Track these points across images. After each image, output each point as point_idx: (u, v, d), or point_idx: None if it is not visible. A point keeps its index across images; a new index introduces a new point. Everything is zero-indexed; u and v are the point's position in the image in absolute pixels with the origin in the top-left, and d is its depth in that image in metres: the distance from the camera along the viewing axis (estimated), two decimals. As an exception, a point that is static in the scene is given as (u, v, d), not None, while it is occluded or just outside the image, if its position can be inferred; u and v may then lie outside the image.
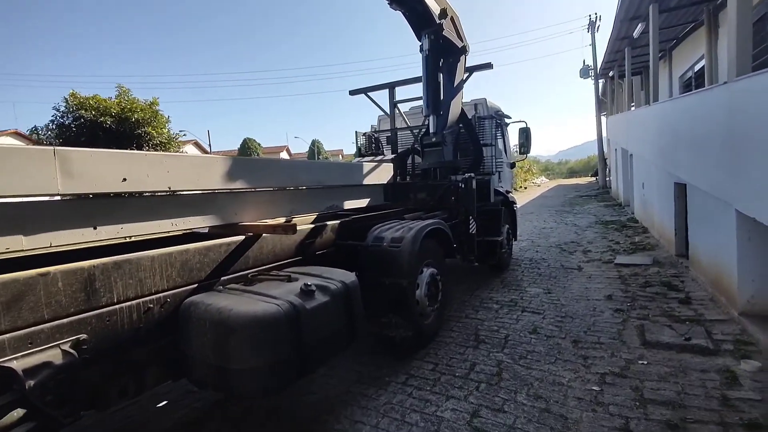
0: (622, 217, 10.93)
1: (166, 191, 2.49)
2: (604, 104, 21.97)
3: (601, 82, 21.36)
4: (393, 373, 3.14)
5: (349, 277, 2.69)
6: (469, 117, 5.42)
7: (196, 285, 2.40)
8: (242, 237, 2.72)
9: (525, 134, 6.78)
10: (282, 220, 3.99)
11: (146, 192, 2.40)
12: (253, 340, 1.97)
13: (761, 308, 3.50)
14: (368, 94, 6.54)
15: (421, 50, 4.77)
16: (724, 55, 7.47)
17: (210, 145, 39.69)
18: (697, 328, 3.51)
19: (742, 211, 3.43)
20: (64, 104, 12.84)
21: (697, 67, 9.78)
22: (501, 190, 6.12)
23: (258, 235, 2.83)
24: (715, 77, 7.97)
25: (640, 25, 8.60)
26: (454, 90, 4.98)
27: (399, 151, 5.90)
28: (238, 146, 46.90)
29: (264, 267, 2.85)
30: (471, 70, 5.59)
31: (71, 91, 13.21)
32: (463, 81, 5.25)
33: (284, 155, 45.22)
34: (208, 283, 2.47)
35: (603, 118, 22.25)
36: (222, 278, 2.56)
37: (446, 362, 3.27)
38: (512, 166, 7.34)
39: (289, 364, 2.10)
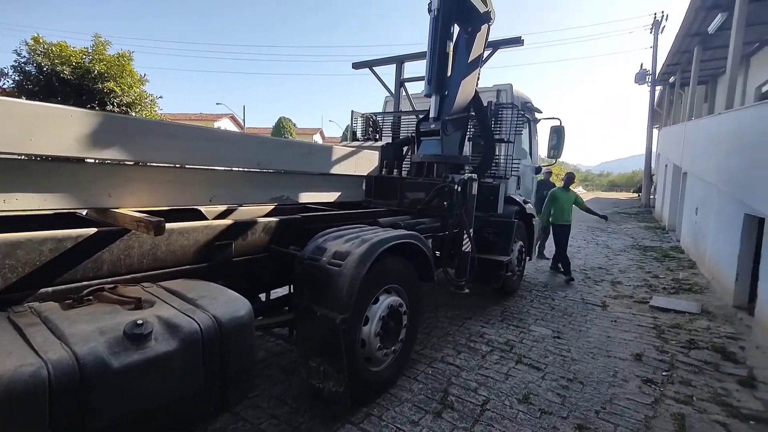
0: (664, 243, 9.47)
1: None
2: (658, 116, 19.89)
3: (657, 90, 19.27)
4: (308, 443, 2.22)
5: (235, 308, 1.77)
6: (486, 104, 4.34)
7: (-18, 299, 1.56)
8: (92, 230, 1.85)
9: (557, 134, 5.61)
10: (225, 209, 3.18)
11: None
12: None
13: None
14: (374, 69, 5.55)
15: (430, 9, 3.73)
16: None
17: (244, 120, 39.85)
18: (769, 437, 2.38)
19: None
20: (26, 49, 11.86)
21: (783, 77, 8.15)
22: (517, 198, 5.02)
23: (124, 230, 1.97)
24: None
25: (720, 15, 7.11)
26: (467, 66, 3.92)
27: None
28: (273, 125, 46.96)
29: (130, 276, 1.98)
30: (495, 45, 4.49)
31: (35, 35, 11.48)
32: (482, 58, 4.17)
33: (317, 138, 44.94)
34: (9, 297, 1.62)
35: (655, 131, 20.17)
36: (42, 291, 1.72)
37: (388, 435, 2.32)
38: (537, 171, 6.18)
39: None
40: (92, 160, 2.03)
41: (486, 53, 4.30)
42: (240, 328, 1.74)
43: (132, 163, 2.19)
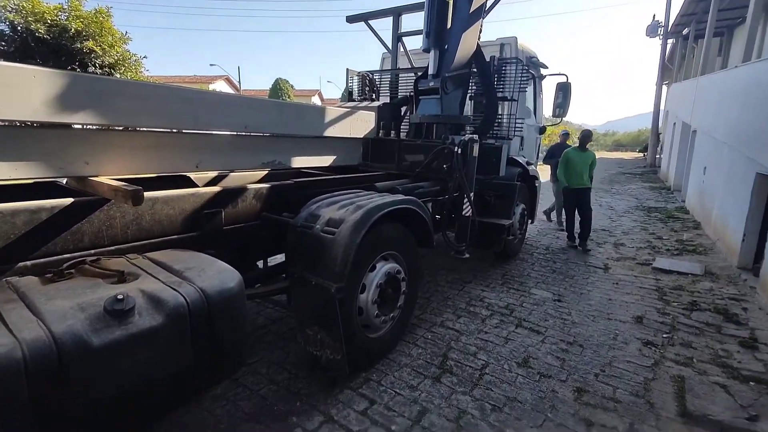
0: (669, 204, 9.34)
1: None
2: (668, 72, 19.10)
3: (669, 43, 18.38)
4: (306, 410, 2.23)
5: (224, 280, 1.70)
6: (489, 59, 4.07)
7: (-45, 274, 1.49)
8: (68, 201, 1.75)
9: (564, 91, 5.33)
10: (215, 175, 3.05)
11: None
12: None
13: None
14: (369, 22, 5.21)
15: (427, -47, 3.41)
16: None
17: (240, 82, 38.61)
18: (769, 398, 2.38)
19: None
20: None
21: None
22: (520, 160, 4.85)
23: (103, 200, 1.86)
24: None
25: (743, -42, 6.56)
26: (468, 17, 3.63)
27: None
28: (270, 87, 45.49)
29: (115, 247, 1.90)
30: (499, -7, 4.15)
31: None
32: (485, 8, 3.86)
33: (316, 100, 43.74)
34: (-16, 270, 1.55)
35: (664, 88, 19.44)
36: (20, 264, 1.64)
37: (387, 401, 2.32)
38: (542, 131, 5.95)
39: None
40: (65, 126, 1.89)
41: (489, 2, 3.99)
42: (229, 301, 1.67)
43: (109, 128, 2.05)
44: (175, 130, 2.34)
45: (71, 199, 1.76)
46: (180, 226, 2.15)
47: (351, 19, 5.29)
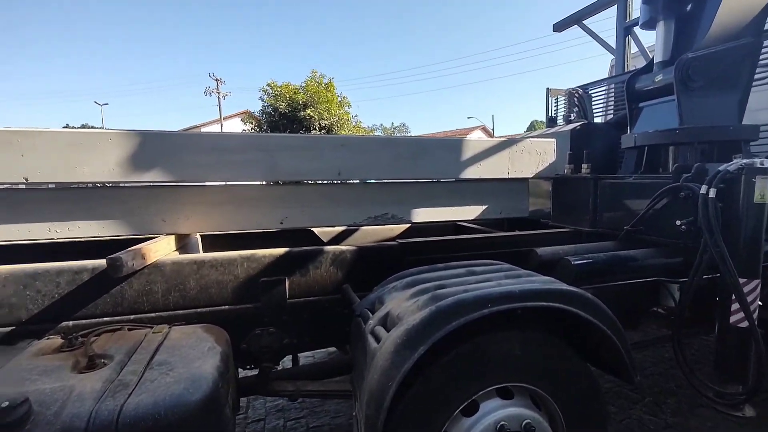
0: None
1: (21, 183, 1.74)
2: None
3: None
4: None
5: (162, 399, 1.17)
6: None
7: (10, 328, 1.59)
8: (99, 263, 1.65)
9: None
10: (342, 230, 2.70)
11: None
12: None
13: None
14: (584, 23, 3.87)
15: None
16: None
17: (493, 129, 40.14)
18: None
19: None
20: (264, 94, 14.59)
21: None
22: None
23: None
24: None
25: None
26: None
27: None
28: (524, 129, 45.01)
29: (156, 314, 1.72)
30: None
31: (269, 81, 14.33)
32: None
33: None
34: (34, 329, 1.60)
35: None
36: (63, 324, 1.64)
37: None
38: None
39: None
40: (138, 184, 1.90)
41: None
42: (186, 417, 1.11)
43: (180, 184, 1.97)
44: (256, 183, 2.09)
45: (102, 262, 1.68)
46: (232, 295, 1.81)
47: (559, 27, 4.09)
